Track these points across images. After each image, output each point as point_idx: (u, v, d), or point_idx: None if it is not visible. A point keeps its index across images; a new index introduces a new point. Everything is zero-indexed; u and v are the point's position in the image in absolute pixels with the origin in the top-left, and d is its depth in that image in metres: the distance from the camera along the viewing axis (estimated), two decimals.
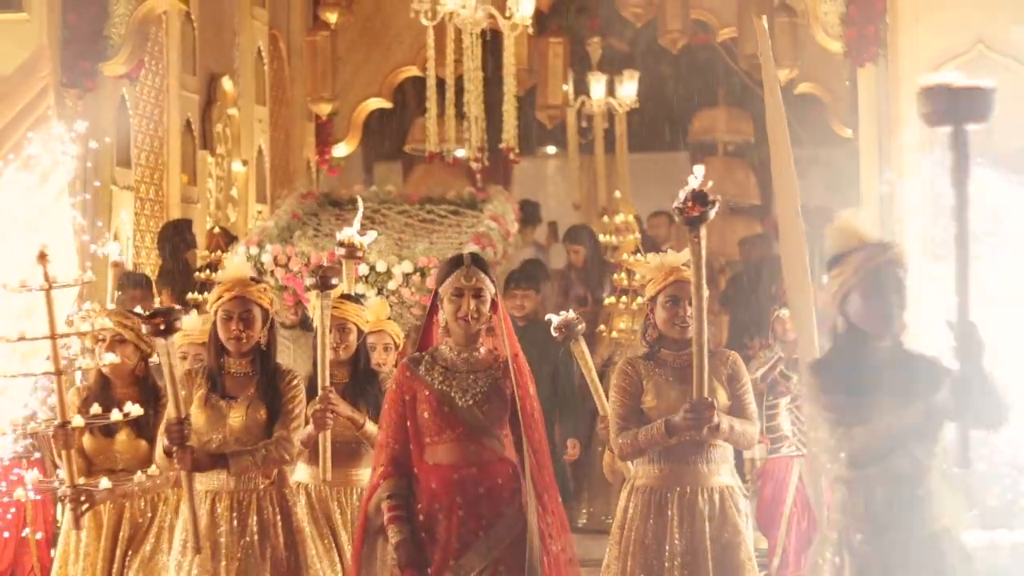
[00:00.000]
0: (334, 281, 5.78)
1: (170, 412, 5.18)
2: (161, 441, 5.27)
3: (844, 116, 11.65)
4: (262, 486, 5.42)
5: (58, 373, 5.49)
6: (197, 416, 5.39)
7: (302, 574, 5.43)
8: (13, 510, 7.23)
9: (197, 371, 5.53)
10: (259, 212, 12.13)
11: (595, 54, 15.12)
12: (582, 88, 15.21)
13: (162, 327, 5.12)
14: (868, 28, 8.74)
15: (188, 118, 11.28)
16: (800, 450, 7.55)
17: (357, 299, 6.26)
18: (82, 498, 5.58)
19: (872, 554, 4.18)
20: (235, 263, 5.58)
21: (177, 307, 5.26)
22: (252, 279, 5.52)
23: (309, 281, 5.86)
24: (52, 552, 6.54)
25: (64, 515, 5.83)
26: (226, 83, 11.96)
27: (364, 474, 5.98)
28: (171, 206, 10.81)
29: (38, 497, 6.74)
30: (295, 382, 5.49)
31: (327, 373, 5.72)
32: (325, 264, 5.91)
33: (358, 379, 6.05)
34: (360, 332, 6.09)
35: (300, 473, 6.05)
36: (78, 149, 8.44)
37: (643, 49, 15.63)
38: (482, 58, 11.53)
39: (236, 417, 5.39)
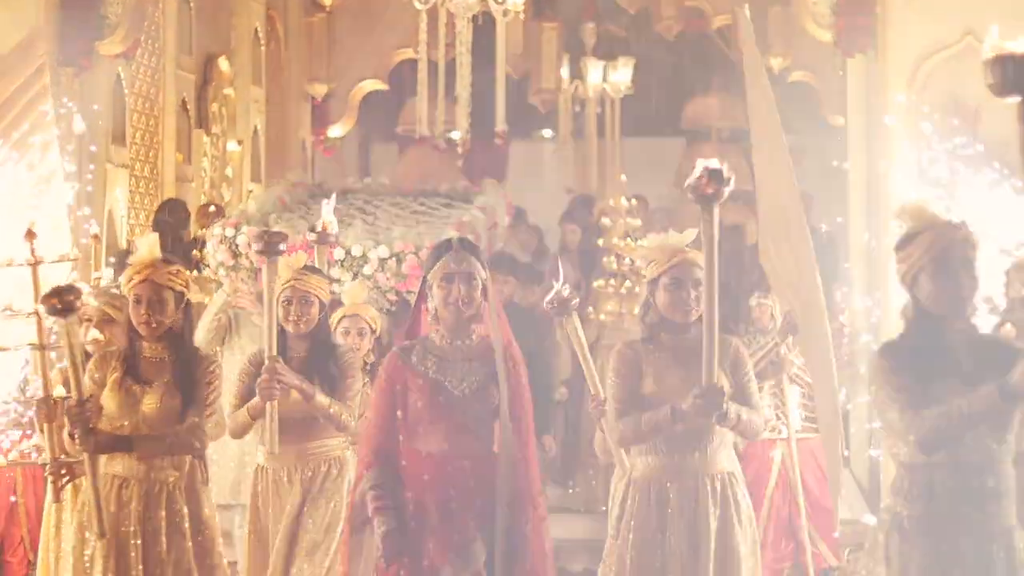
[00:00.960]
0: (281, 247, 5.61)
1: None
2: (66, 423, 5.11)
3: (837, 105, 11.70)
4: (172, 478, 5.25)
5: (42, 348, 5.49)
6: (109, 400, 5.22)
7: (209, 570, 5.30)
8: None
9: (112, 354, 5.35)
10: (249, 192, 12.17)
11: (589, 40, 15.17)
12: (576, 73, 15.26)
13: (60, 306, 4.99)
14: (858, 18, 8.77)
15: (184, 97, 11.32)
16: (782, 433, 7.62)
17: (320, 271, 6.14)
18: (63, 471, 5.57)
19: (929, 541, 4.09)
20: (146, 244, 5.32)
21: (78, 286, 5.09)
22: (165, 260, 5.29)
23: (256, 246, 5.68)
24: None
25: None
26: (222, 63, 12.00)
27: (319, 448, 5.89)
28: (166, 185, 10.85)
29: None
30: (212, 368, 5.33)
31: (274, 342, 5.60)
32: (273, 230, 5.72)
33: (316, 352, 5.89)
34: (322, 305, 5.93)
35: (260, 455, 5.94)
36: (73, 127, 8.51)
37: (638, 35, 15.68)
38: (476, 42, 11.58)
39: (150, 403, 5.22)
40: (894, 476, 4.25)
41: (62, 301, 4.99)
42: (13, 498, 7.11)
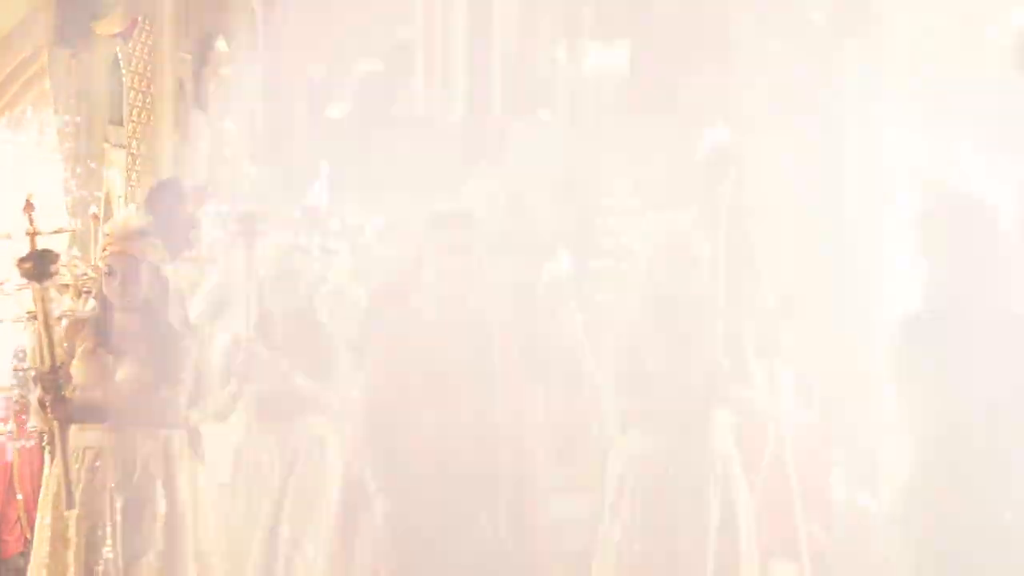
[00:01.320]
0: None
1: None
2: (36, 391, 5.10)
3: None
4: (146, 449, 5.24)
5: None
6: (80, 370, 5.21)
7: (180, 542, 5.28)
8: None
9: (83, 322, 5.34)
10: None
11: (587, 19, 15.14)
12: (574, 52, 15.24)
13: (34, 271, 4.97)
14: None
15: (181, 77, 11.33)
16: (773, 415, 7.63)
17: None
18: None
19: (948, 510, 4.09)
20: (123, 215, 5.34)
21: (53, 251, 5.04)
22: (140, 232, 5.28)
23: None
24: None
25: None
26: (220, 43, 12.00)
27: (300, 428, 5.86)
28: (163, 164, 10.87)
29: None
30: (186, 341, 5.30)
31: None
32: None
33: (301, 332, 5.86)
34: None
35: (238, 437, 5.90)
36: (71, 106, 8.53)
37: (636, 15, 15.64)
38: (473, 22, 11.58)
39: (123, 374, 5.22)
40: (913, 446, 4.24)
41: (37, 265, 4.97)
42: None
